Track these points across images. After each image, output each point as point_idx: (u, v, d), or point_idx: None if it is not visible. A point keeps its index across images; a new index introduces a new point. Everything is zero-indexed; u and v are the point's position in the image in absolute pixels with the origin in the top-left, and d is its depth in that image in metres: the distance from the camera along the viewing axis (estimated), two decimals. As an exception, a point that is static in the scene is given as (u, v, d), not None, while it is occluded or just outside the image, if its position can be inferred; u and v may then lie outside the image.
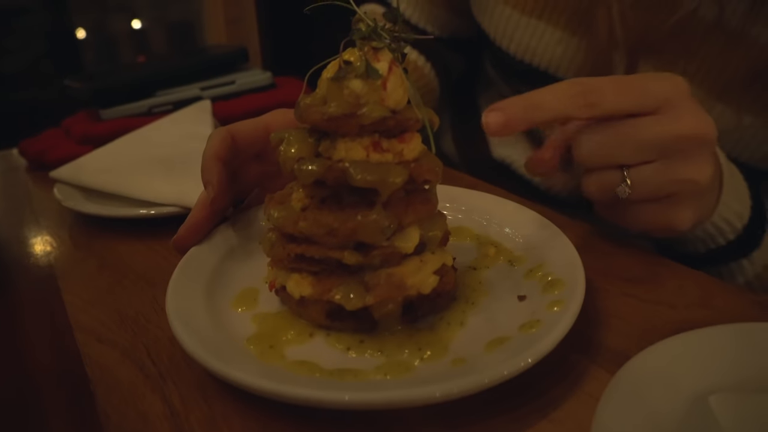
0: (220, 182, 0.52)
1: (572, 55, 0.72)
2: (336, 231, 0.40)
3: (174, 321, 0.41)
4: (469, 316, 0.44)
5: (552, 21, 0.72)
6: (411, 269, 0.42)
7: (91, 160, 0.75)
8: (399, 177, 0.40)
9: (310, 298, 0.43)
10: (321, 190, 0.43)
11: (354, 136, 0.42)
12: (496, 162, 0.91)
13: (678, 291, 0.49)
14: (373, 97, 0.41)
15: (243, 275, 0.50)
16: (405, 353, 0.40)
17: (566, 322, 0.38)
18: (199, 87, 0.94)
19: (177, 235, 0.52)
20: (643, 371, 0.34)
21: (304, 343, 0.42)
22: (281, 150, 0.44)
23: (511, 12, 0.75)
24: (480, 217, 0.57)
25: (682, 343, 0.36)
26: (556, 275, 0.45)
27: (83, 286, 0.56)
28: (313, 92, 0.44)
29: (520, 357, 0.36)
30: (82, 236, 0.67)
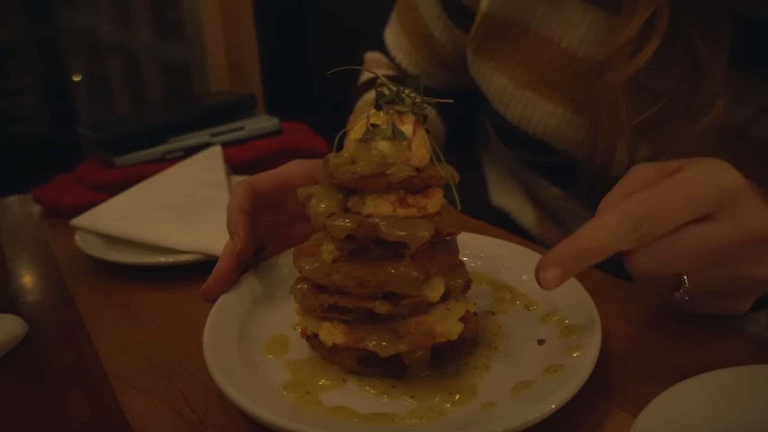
0: (246, 234, 0.54)
1: (565, 128, 0.75)
2: (368, 282, 0.43)
3: (215, 372, 0.43)
4: (492, 361, 0.46)
5: (545, 95, 0.75)
6: (438, 317, 0.45)
7: (110, 208, 0.78)
8: (426, 231, 0.43)
9: (342, 346, 0.45)
10: (350, 243, 0.46)
11: (381, 192, 0.45)
12: (495, 210, 0.94)
13: (682, 335, 0.52)
14: (399, 158, 0.44)
15: (271, 322, 0.53)
16: (436, 398, 0.42)
17: (587, 368, 0.41)
18: (209, 133, 0.97)
19: (206, 285, 0.54)
20: (664, 413, 0.36)
21: (338, 388, 0.44)
22: (311, 205, 0.47)
23: (507, 83, 0.78)
24: (493, 263, 0.60)
25: (699, 385, 0.38)
26: (572, 320, 0.48)
27: (112, 334, 0.58)
28: (340, 151, 0.47)
29: (547, 401, 0.38)
30: (105, 284, 0.68)
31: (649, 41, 0.62)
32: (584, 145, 0.74)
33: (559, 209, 0.82)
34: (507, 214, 0.92)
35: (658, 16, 0.61)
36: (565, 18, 0.71)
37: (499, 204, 0.94)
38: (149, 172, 0.90)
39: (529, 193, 0.89)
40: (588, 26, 0.70)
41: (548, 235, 0.86)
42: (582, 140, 0.74)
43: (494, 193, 0.96)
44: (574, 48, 0.72)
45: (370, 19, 1.14)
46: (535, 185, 0.85)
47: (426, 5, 0.90)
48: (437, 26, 0.89)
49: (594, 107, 0.70)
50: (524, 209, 0.91)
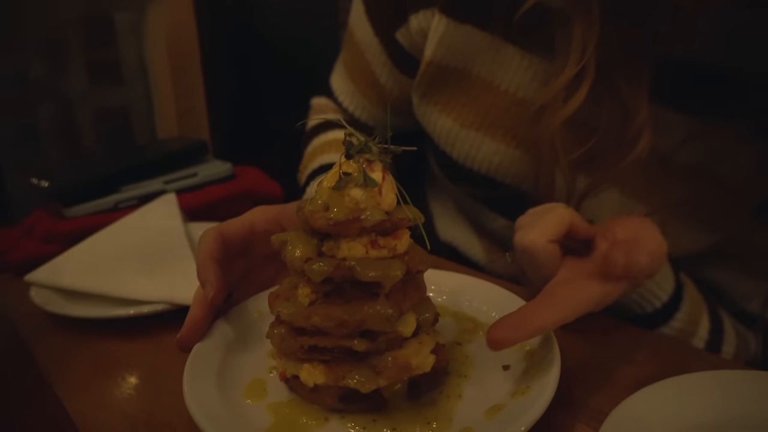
0: (218, 281, 0.56)
1: (508, 164, 0.81)
2: (346, 322, 0.46)
3: (202, 422, 0.44)
4: (464, 389, 0.49)
5: (489, 134, 0.81)
6: (412, 351, 0.47)
7: (68, 261, 0.77)
8: (399, 270, 0.46)
9: (323, 385, 0.47)
10: (326, 286, 0.48)
11: (354, 236, 0.48)
12: (443, 244, 0.99)
13: (633, 348, 0.57)
14: (371, 203, 0.47)
15: (247, 368, 0.54)
16: (416, 428, 0.45)
17: (551, 387, 0.45)
18: (162, 181, 0.98)
19: (180, 335, 0.55)
20: (624, 423, 0.41)
21: (322, 427, 0.46)
22: (288, 251, 0.49)
23: (452, 124, 0.83)
24: (454, 296, 0.63)
25: (656, 393, 0.43)
26: (532, 344, 0.52)
27: (83, 392, 0.57)
28: (313, 198, 0.50)
29: (519, 423, 0.41)
30: (68, 340, 0.67)
31: (580, 86, 0.69)
32: (527, 178, 0.80)
33: (508, 239, 0.87)
34: (455, 248, 0.96)
35: (587, 64, 0.68)
36: (504, 64, 0.78)
37: (447, 238, 0.98)
38: (102, 222, 0.89)
39: (476, 225, 0.94)
40: (525, 70, 0.77)
41: (497, 264, 0.91)
42: (525, 174, 0.80)
43: (441, 228, 1.00)
44: (513, 90, 0.78)
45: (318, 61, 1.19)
46: (482, 217, 0.90)
47: (372, 53, 0.95)
48: (383, 72, 0.94)
49: (534, 144, 0.76)
50: (472, 242, 0.96)
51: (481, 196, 0.87)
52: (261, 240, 0.64)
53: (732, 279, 0.78)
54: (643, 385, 0.47)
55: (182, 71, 1.45)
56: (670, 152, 0.72)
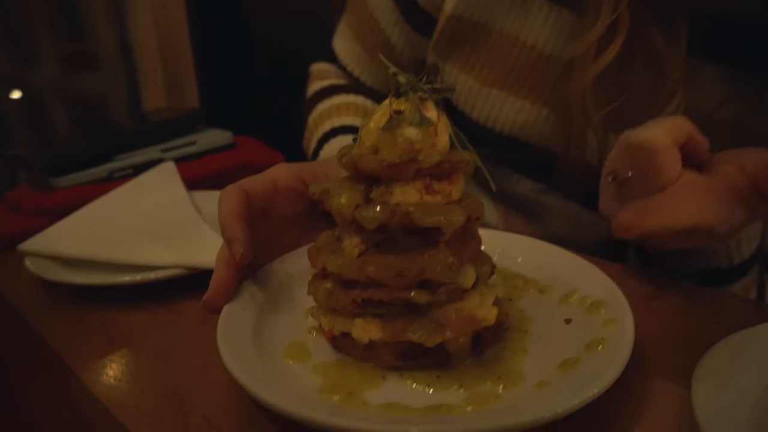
0: (246, 238, 0.51)
1: (533, 123, 0.77)
2: (404, 272, 0.42)
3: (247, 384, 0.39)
4: (528, 344, 0.46)
5: (513, 92, 0.77)
6: (475, 303, 0.44)
7: (63, 230, 0.70)
8: (461, 216, 0.42)
9: (379, 342, 0.43)
10: (377, 235, 0.44)
11: (407, 180, 0.43)
12: None
13: (691, 303, 0.54)
14: (427, 144, 0.43)
15: (282, 330, 0.49)
16: (486, 384, 0.41)
17: (629, 338, 0.42)
18: (159, 149, 0.92)
19: (207, 296, 0.50)
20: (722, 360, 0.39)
21: (380, 386, 0.42)
22: (332, 200, 0.45)
23: (473, 83, 0.79)
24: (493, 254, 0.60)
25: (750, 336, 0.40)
26: (594, 297, 0.49)
27: (99, 364, 0.52)
28: (359, 142, 0.46)
29: (607, 374, 0.38)
30: (72, 312, 0.62)
31: (613, 41, 0.66)
32: (553, 138, 0.76)
33: (532, 203, 0.84)
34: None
35: (620, 17, 0.65)
36: (530, 17, 0.74)
37: None
38: (96, 193, 0.82)
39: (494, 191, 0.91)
40: (552, 25, 0.73)
41: (516, 229, 0.88)
42: (550, 134, 0.77)
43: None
44: (540, 46, 0.74)
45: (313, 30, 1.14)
46: (503, 181, 0.86)
47: (382, 11, 0.90)
48: (394, 31, 0.89)
49: (563, 102, 0.72)
50: (487, 207, 0.92)
51: (503, 159, 0.84)
52: (284, 199, 0.59)
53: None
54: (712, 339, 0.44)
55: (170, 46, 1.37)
56: (708, 110, 0.69)
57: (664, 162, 0.51)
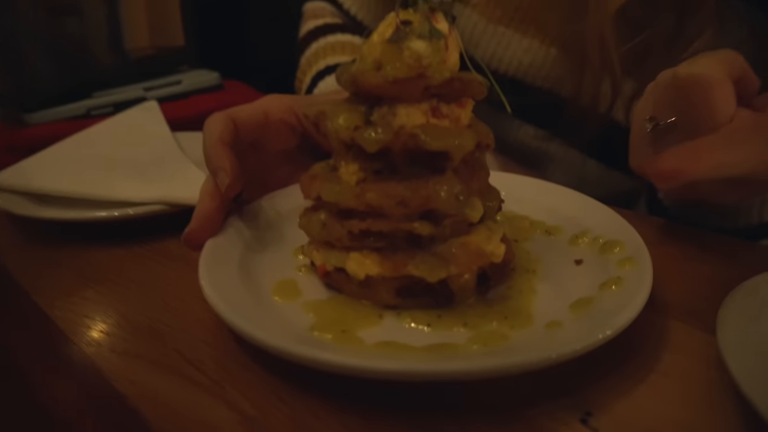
0: (233, 167, 0.47)
1: (541, 63, 0.72)
2: (408, 200, 0.38)
3: (231, 318, 0.35)
4: (536, 284, 0.42)
5: (520, 30, 0.72)
6: (483, 237, 0.40)
7: (37, 164, 0.65)
8: (471, 140, 0.38)
9: (376, 278, 0.39)
10: (377, 162, 0.40)
11: (413, 101, 0.39)
12: None
13: (703, 248, 0.51)
14: (436, 59, 0.39)
15: (270, 267, 0.45)
16: (492, 323, 0.38)
17: (648, 276, 0.38)
18: (142, 87, 0.86)
19: (189, 228, 0.46)
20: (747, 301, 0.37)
21: (376, 325, 0.38)
22: (328, 122, 0.41)
23: (478, 18, 0.75)
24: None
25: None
26: (607, 237, 0.45)
27: (70, 301, 0.48)
28: (360, 57, 0.41)
29: (620, 316, 0.35)
30: (43, 248, 0.57)
31: None
32: (561, 81, 0.72)
33: (534, 151, 0.80)
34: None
35: None
36: None
37: None
38: (72, 130, 0.77)
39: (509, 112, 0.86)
40: None
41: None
42: (558, 76, 0.72)
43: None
44: None
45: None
46: (503, 127, 0.82)
47: None
48: None
49: (576, 40, 0.68)
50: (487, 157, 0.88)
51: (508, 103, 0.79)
52: (275, 132, 0.55)
53: None
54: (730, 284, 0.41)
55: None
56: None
57: (718, 98, 0.43)
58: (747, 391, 0.30)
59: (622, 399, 0.34)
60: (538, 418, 0.33)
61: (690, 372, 0.36)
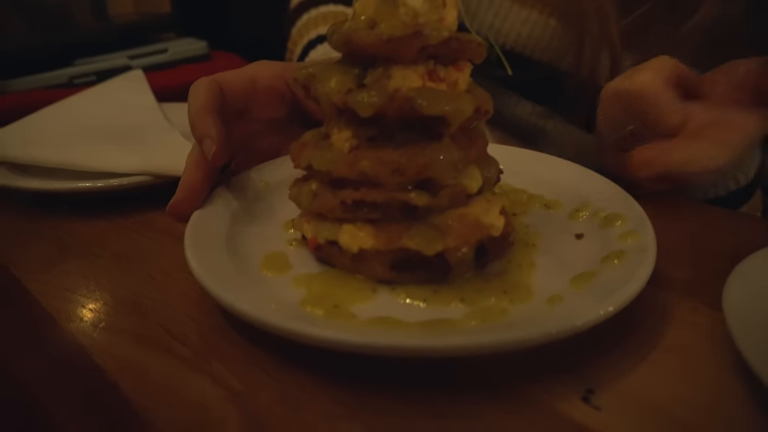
0: (220, 134, 0.45)
1: (540, 35, 0.70)
2: (403, 168, 0.36)
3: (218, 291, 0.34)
4: (536, 258, 0.41)
5: (519, 0, 0.70)
6: (481, 209, 0.38)
7: (14, 132, 0.63)
8: (470, 105, 0.36)
9: (370, 251, 0.37)
10: (371, 128, 0.38)
11: (409, 63, 0.37)
12: None
13: (706, 223, 0.50)
14: (433, 17, 0.36)
15: (259, 240, 0.44)
16: (491, 299, 0.36)
17: (652, 249, 0.37)
18: (126, 55, 0.83)
19: (174, 199, 0.44)
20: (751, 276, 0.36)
21: (370, 300, 0.37)
22: (319, 85, 0.38)
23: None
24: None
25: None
26: (608, 210, 0.43)
27: (48, 273, 0.46)
28: (353, 15, 0.39)
29: (628, 286, 0.33)
30: (21, 218, 0.55)
31: None
32: (560, 54, 0.70)
33: (532, 127, 0.78)
34: None
35: None
36: None
37: None
38: (53, 98, 0.74)
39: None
40: None
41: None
42: (557, 48, 0.70)
43: None
44: None
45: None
46: (501, 102, 0.80)
47: None
48: None
49: (575, 12, 0.65)
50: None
51: (502, 78, 0.77)
52: (263, 100, 0.52)
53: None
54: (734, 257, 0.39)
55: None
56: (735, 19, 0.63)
57: (662, 107, 0.47)
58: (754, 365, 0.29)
59: (624, 375, 0.33)
60: (539, 395, 0.31)
61: (693, 347, 0.35)
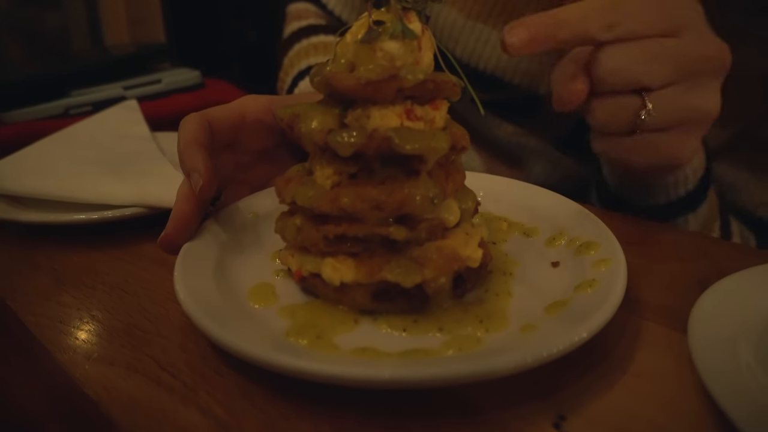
0: (207, 169, 0.46)
1: (518, 60, 0.72)
2: (383, 204, 0.37)
3: (204, 320, 0.35)
4: (512, 286, 0.42)
5: (498, 25, 0.72)
6: (460, 241, 0.40)
7: (12, 165, 0.65)
8: (444, 142, 0.38)
9: (352, 282, 0.39)
10: (352, 165, 0.40)
11: (386, 103, 0.39)
12: None
13: (677, 247, 0.52)
14: (409, 59, 0.38)
15: (247, 271, 0.45)
16: (467, 328, 0.38)
17: (622, 277, 0.39)
18: (121, 86, 0.85)
19: (165, 232, 0.45)
20: (716, 300, 0.37)
21: (352, 330, 0.38)
22: (302, 125, 0.40)
23: (457, 16, 0.74)
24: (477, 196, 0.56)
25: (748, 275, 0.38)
26: (584, 238, 0.45)
27: (44, 305, 0.47)
28: (333, 58, 0.41)
29: (597, 315, 0.35)
30: (18, 250, 0.56)
31: None
32: (539, 77, 0.72)
33: (514, 146, 0.80)
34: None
35: None
36: None
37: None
38: (50, 129, 0.76)
39: (475, 134, 0.86)
40: None
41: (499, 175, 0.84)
42: (536, 72, 0.72)
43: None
44: None
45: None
46: (485, 124, 0.82)
47: None
48: None
49: None
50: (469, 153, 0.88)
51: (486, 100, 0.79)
52: (252, 132, 0.54)
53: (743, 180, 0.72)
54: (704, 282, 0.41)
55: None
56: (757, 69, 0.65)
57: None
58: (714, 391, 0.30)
59: (595, 401, 0.34)
60: (511, 420, 0.33)
61: (664, 372, 0.36)
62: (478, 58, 0.74)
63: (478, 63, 0.75)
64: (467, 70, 0.76)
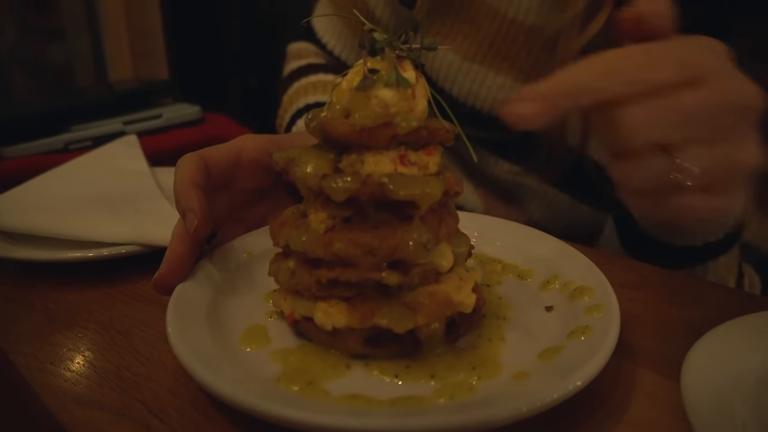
0: (202, 209, 0.47)
1: None
2: (375, 250, 0.38)
3: (196, 370, 0.35)
4: (506, 331, 0.42)
5: (494, 67, 0.73)
6: (452, 286, 0.40)
7: (9, 200, 0.65)
8: (438, 189, 0.39)
9: (344, 328, 0.39)
10: (345, 210, 0.40)
11: (381, 149, 0.39)
12: None
13: (674, 291, 0.52)
14: (404, 107, 0.39)
15: (240, 313, 0.45)
16: (460, 374, 0.37)
17: (615, 326, 0.38)
18: (121, 121, 0.86)
19: (159, 273, 0.45)
20: (711, 349, 0.36)
21: (344, 376, 0.38)
22: (297, 169, 0.41)
23: (453, 57, 0.76)
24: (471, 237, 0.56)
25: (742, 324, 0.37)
26: (577, 283, 0.45)
27: (35, 345, 0.47)
28: (329, 104, 0.41)
29: (587, 366, 0.34)
30: (11, 288, 0.56)
31: (601, 9, 0.62)
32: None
33: (510, 184, 0.81)
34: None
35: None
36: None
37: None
38: (49, 164, 0.77)
39: (473, 172, 0.87)
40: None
41: (496, 212, 0.85)
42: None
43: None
44: (521, 17, 0.71)
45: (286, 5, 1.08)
46: (482, 162, 0.83)
47: None
48: (378, 3, 0.85)
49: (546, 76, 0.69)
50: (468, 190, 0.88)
51: (483, 139, 0.80)
52: (248, 172, 0.55)
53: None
54: (700, 328, 0.41)
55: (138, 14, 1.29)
56: None
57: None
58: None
59: (589, 452, 0.34)
60: (503, 474, 0.32)
61: (657, 422, 0.36)
62: (475, 98, 0.76)
63: (474, 102, 0.76)
64: (464, 109, 0.77)
